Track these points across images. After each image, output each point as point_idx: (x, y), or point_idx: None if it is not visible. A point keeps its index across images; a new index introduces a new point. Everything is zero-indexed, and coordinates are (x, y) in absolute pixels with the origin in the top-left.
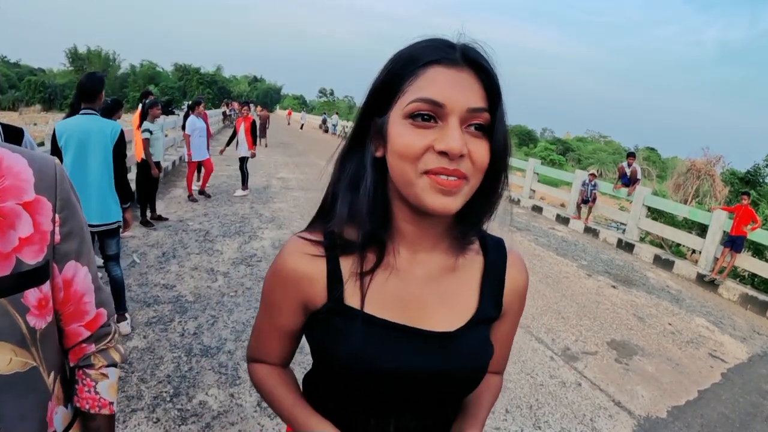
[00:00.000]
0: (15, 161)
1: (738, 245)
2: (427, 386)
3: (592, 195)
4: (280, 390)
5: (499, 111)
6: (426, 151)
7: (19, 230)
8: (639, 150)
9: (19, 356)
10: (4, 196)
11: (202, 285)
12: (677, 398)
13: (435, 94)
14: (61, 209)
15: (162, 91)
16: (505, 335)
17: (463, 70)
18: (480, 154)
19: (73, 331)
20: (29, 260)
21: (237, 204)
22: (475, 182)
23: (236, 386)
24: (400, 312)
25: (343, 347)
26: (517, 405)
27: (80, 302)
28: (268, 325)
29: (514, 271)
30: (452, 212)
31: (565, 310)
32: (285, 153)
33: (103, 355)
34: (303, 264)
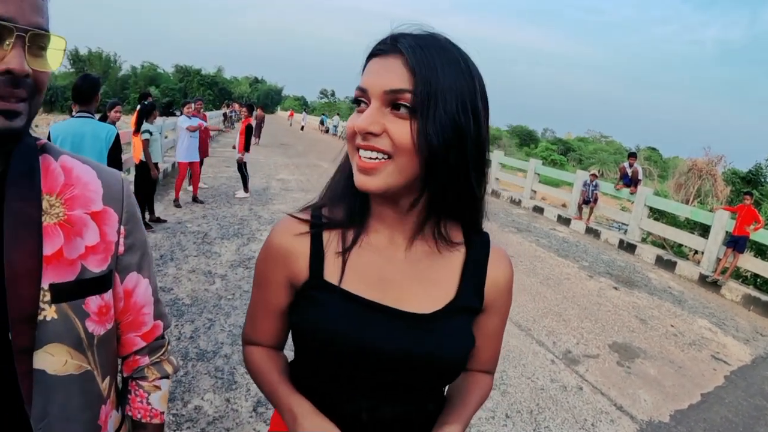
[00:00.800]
0: (84, 172)
1: (740, 245)
2: (400, 368)
3: (594, 195)
4: (267, 371)
5: (422, 91)
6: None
7: (86, 238)
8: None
9: (75, 359)
10: (73, 204)
11: (200, 288)
12: (680, 402)
13: (362, 82)
14: (127, 222)
15: (163, 93)
16: (492, 332)
17: (390, 56)
18: (398, 134)
19: (130, 340)
20: (93, 268)
21: (236, 206)
22: (404, 162)
23: (232, 391)
24: (377, 291)
25: (318, 320)
26: (517, 410)
27: (139, 313)
28: (259, 303)
29: (497, 266)
30: (370, 190)
31: (566, 312)
32: (285, 154)
33: (157, 368)
34: (288, 241)
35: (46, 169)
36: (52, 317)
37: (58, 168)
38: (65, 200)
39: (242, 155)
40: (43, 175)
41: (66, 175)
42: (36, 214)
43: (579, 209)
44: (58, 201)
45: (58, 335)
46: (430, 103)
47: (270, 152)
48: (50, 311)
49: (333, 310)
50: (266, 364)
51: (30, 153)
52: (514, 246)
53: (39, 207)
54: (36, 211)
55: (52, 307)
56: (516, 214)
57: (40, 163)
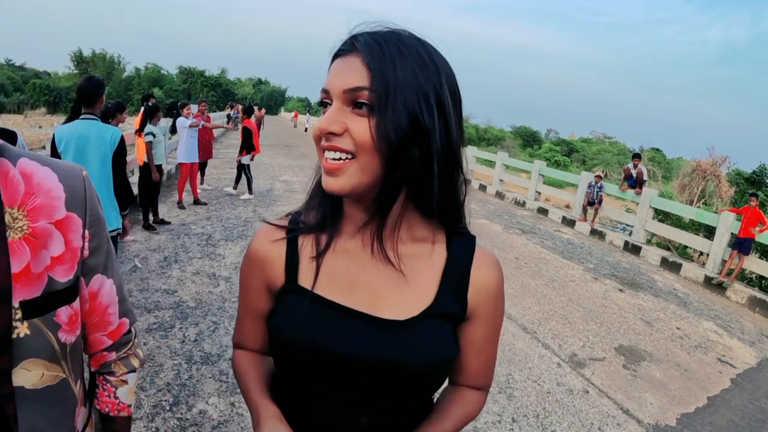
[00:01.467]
0: (45, 177)
1: (746, 247)
2: (371, 374)
3: (598, 197)
4: (245, 373)
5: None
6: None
7: (51, 249)
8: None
9: (51, 371)
10: (36, 215)
11: (204, 290)
12: (686, 405)
13: (325, 83)
14: (91, 225)
15: (166, 94)
16: (480, 342)
17: (349, 55)
18: (357, 132)
19: (97, 340)
20: (61, 278)
21: (240, 207)
22: (367, 161)
23: (237, 395)
24: (350, 296)
25: (290, 325)
26: (523, 414)
27: (105, 313)
28: (243, 308)
29: (482, 270)
30: (335, 191)
31: (572, 315)
32: (289, 156)
33: (124, 363)
34: (266, 247)
35: (5, 177)
36: (26, 333)
37: (18, 175)
38: (28, 211)
39: (239, 158)
40: (2, 184)
41: (26, 183)
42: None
43: (584, 211)
44: (21, 213)
45: (33, 350)
46: (387, 99)
47: (274, 154)
48: (23, 328)
49: (304, 314)
50: (246, 367)
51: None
52: (519, 248)
53: (2, 222)
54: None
55: (24, 323)
56: (520, 216)
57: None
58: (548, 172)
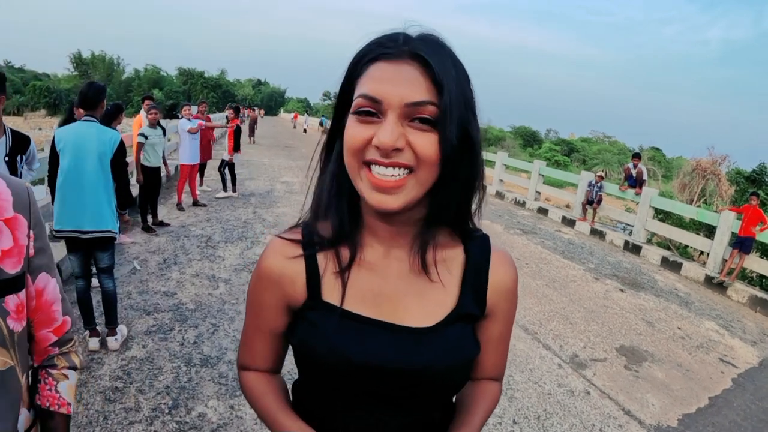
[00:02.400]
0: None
1: (746, 246)
2: (403, 382)
3: (598, 197)
4: (267, 397)
5: (445, 102)
6: (366, 145)
7: (1, 243)
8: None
9: (1, 356)
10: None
11: (203, 292)
12: (688, 406)
13: (372, 90)
14: (35, 226)
15: (166, 95)
16: (497, 337)
17: (405, 63)
18: (424, 147)
19: (43, 336)
20: (9, 270)
21: (240, 209)
22: (425, 175)
23: (236, 398)
24: (375, 307)
25: (319, 342)
26: (524, 415)
27: (50, 310)
28: (253, 327)
29: (499, 269)
30: (392, 210)
31: (573, 316)
32: (289, 156)
33: (65, 358)
34: (282, 264)
35: None
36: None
37: None
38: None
39: (231, 156)
40: None
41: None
42: None
43: (583, 210)
44: None
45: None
46: (450, 113)
47: (274, 155)
48: None
49: (333, 330)
50: (262, 389)
51: None
52: (519, 248)
53: None
54: None
55: None
56: (521, 216)
57: None
58: (548, 172)
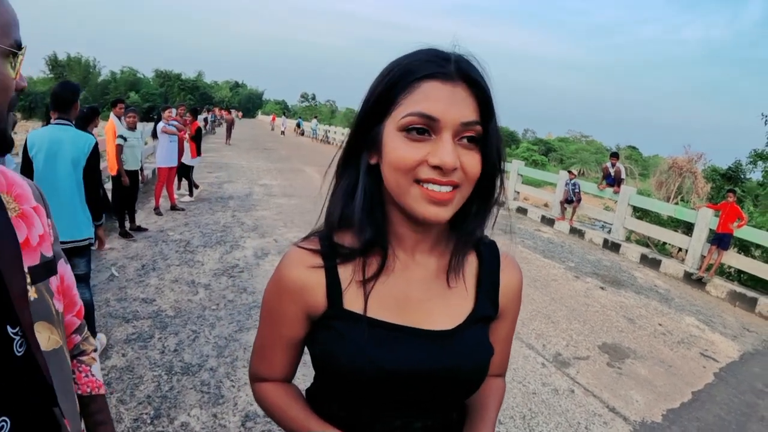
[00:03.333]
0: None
1: (725, 243)
2: (430, 385)
3: (577, 195)
4: (292, 406)
5: (492, 123)
6: (420, 164)
7: (36, 228)
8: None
9: (54, 335)
10: (21, 201)
11: (183, 298)
12: (672, 401)
13: (429, 109)
14: (48, 216)
15: (143, 98)
16: (504, 336)
17: (457, 84)
18: (472, 166)
19: (69, 321)
20: (46, 253)
21: (218, 213)
22: (467, 191)
23: (219, 405)
24: (399, 313)
25: (347, 351)
26: (510, 415)
27: (71, 294)
28: (271, 337)
29: (508, 272)
30: (444, 221)
31: (555, 314)
32: (268, 159)
33: (87, 342)
34: (303, 274)
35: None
36: (35, 297)
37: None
38: (14, 197)
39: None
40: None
41: (4, 176)
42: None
43: (562, 209)
44: (9, 197)
45: (41, 313)
46: (491, 133)
47: (252, 157)
48: (32, 292)
49: (359, 338)
50: (285, 398)
51: None
52: (499, 248)
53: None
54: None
55: (33, 287)
56: (500, 216)
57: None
58: (527, 172)
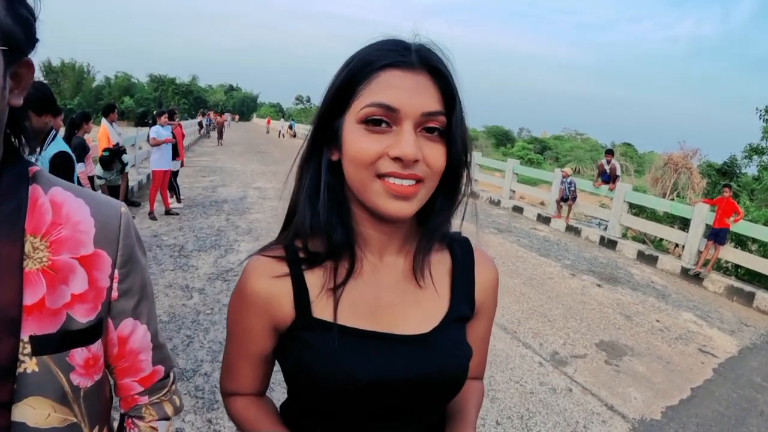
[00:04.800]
0: (76, 208)
1: (721, 238)
2: (408, 391)
3: (572, 193)
4: (261, 422)
5: (456, 113)
6: (380, 157)
7: (72, 286)
8: (616, 146)
9: (59, 412)
10: (59, 248)
11: (177, 303)
12: (670, 398)
13: (389, 99)
14: (123, 265)
15: (137, 103)
16: (481, 336)
17: (418, 73)
18: (435, 158)
19: (127, 385)
20: (81, 318)
21: (213, 216)
22: (432, 184)
23: (214, 411)
24: (371, 319)
25: (318, 361)
26: (507, 416)
27: (136, 359)
28: (238, 353)
29: (483, 269)
30: (408, 216)
31: (551, 313)
32: (262, 162)
33: (156, 408)
34: (267, 284)
35: (33, 205)
36: (33, 370)
37: (47, 203)
38: (51, 243)
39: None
40: (29, 211)
41: (54, 212)
42: (17, 258)
43: (558, 207)
44: (43, 244)
45: (40, 388)
46: (459, 125)
47: (247, 160)
48: (30, 364)
49: (330, 346)
50: (255, 414)
51: (19, 184)
52: (495, 247)
53: (21, 251)
54: (17, 256)
55: (32, 359)
56: (496, 215)
57: (28, 196)
58: (522, 171)
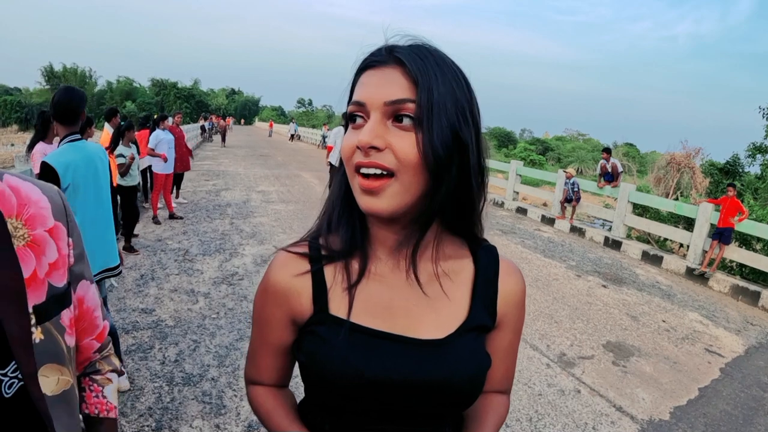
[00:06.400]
0: (30, 190)
1: (726, 237)
2: (417, 396)
3: (576, 194)
4: (276, 411)
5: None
6: (355, 150)
7: (48, 256)
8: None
9: (64, 375)
10: (33, 224)
11: (183, 308)
12: (678, 398)
13: (358, 95)
14: (71, 233)
15: (139, 107)
16: (506, 348)
17: (387, 67)
18: (401, 147)
19: (87, 345)
20: (57, 283)
21: (216, 220)
22: (409, 179)
23: (222, 416)
24: (386, 320)
25: (329, 356)
26: (516, 418)
27: (92, 317)
28: (259, 342)
29: (508, 279)
30: (380, 212)
31: (558, 314)
32: (265, 165)
33: (107, 361)
34: (288, 278)
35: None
36: (40, 338)
37: (8, 189)
38: (25, 221)
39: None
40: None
41: (17, 196)
42: (6, 238)
43: (562, 208)
44: (20, 222)
45: (48, 355)
46: (432, 113)
47: (249, 164)
48: (37, 333)
49: (342, 344)
50: (272, 404)
51: None
52: (499, 249)
53: (6, 231)
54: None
55: (38, 328)
56: (500, 216)
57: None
58: (525, 172)
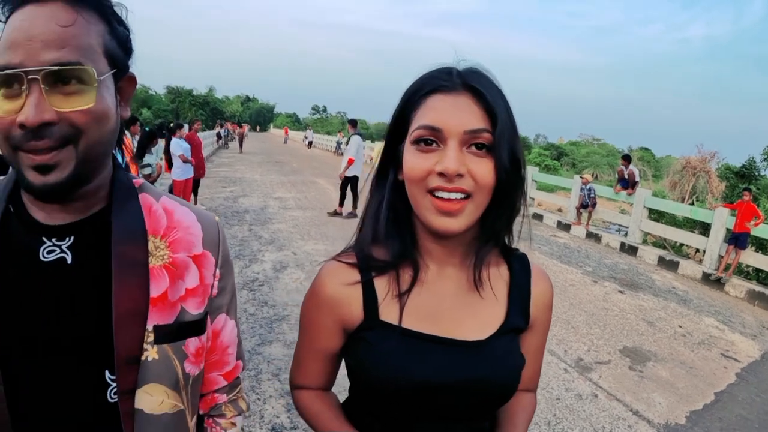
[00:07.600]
0: (184, 215)
1: (742, 242)
2: (462, 395)
3: (592, 200)
4: (324, 414)
5: (499, 129)
6: (429, 174)
7: (187, 281)
8: (632, 150)
9: (171, 398)
10: (177, 247)
11: None
12: (694, 403)
13: (433, 120)
14: (222, 265)
15: (155, 114)
16: (534, 349)
17: (461, 94)
18: (481, 172)
19: (212, 379)
20: (192, 310)
21: (235, 227)
22: (482, 199)
23: (246, 419)
24: (432, 324)
25: (379, 361)
26: (535, 422)
27: (224, 353)
28: (308, 348)
29: (539, 284)
30: (455, 232)
31: (574, 320)
32: (280, 172)
33: (234, 405)
34: (339, 287)
35: (149, 210)
36: (154, 358)
37: (161, 209)
38: (170, 242)
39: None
40: (146, 216)
41: (168, 218)
42: (143, 256)
43: (578, 214)
44: (163, 243)
45: (158, 376)
46: (502, 140)
47: (266, 171)
48: (152, 352)
49: (391, 347)
50: (320, 407)
51: (129, 193)
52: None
53: (146, 249)
54: (143, 254)
55: (154, 347)
56: (516, 223)
57: (140, 203)
58: (541, 178)
